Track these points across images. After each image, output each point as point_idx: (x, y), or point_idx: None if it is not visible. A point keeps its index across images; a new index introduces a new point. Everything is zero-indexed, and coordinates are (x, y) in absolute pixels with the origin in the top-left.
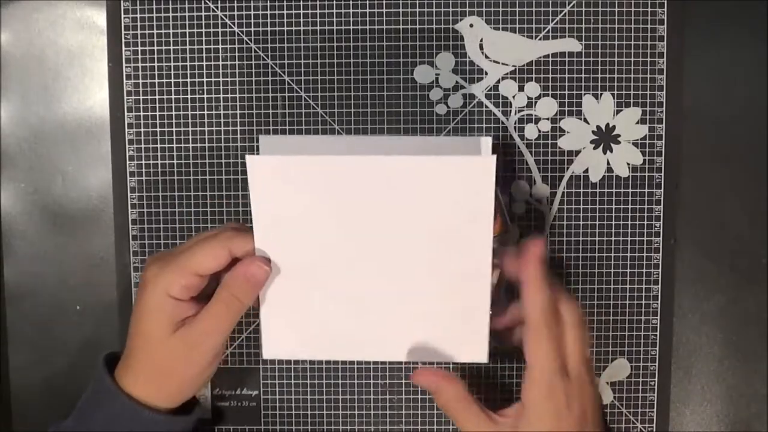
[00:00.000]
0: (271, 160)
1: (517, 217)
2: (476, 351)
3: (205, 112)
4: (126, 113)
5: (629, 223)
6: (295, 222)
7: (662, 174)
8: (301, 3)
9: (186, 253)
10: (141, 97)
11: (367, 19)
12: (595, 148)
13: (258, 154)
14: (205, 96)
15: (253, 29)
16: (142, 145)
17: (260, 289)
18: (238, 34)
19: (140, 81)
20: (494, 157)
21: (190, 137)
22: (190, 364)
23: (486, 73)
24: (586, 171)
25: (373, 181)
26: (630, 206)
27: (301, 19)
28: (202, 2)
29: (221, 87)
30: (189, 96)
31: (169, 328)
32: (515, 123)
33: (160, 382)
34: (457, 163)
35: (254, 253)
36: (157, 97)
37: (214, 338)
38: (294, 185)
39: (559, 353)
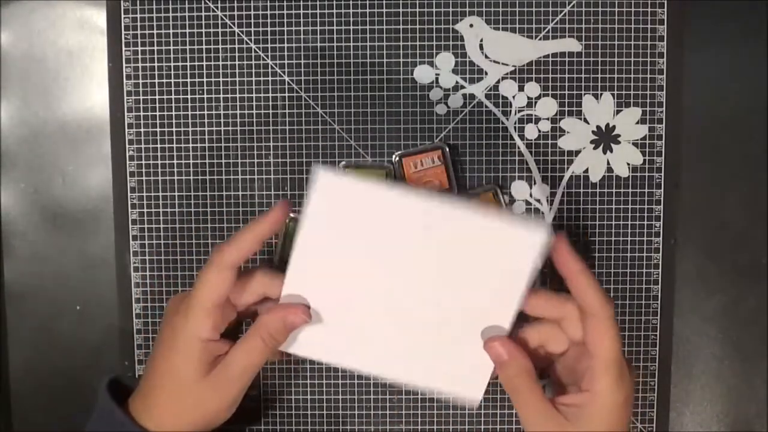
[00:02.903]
0: (343, 182)
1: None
2: (474, 390)
3: (205, 112)
4: (126, 113)
5: (629, 223)
6: (340, 241)
7: (662, 174)
8: (301, 3)
9: (196, 292)
10: (141, 97)
11: (367, 19)
12: (595, 148)
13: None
14: (205, 96)
15: (253, 29)
16: (142, 145)
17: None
18: (238, 34)
19: (140, 81)
20: (545, 232)
21: (190, 137)
22: (221, 403)
23: (486, 73)
24: (586, 171)
25: (429, 223)
26: (630, 206)
27: (301, 19)
28: (202, 2)
29: (221, 87)
30: (189, 96)
31: (202, 370)
32: (515, 123)
33: (187, 422)
34: (509, 228)
35: (245, 255)
36: (157, 97)
37: (248, 376)
38: (354, 209)
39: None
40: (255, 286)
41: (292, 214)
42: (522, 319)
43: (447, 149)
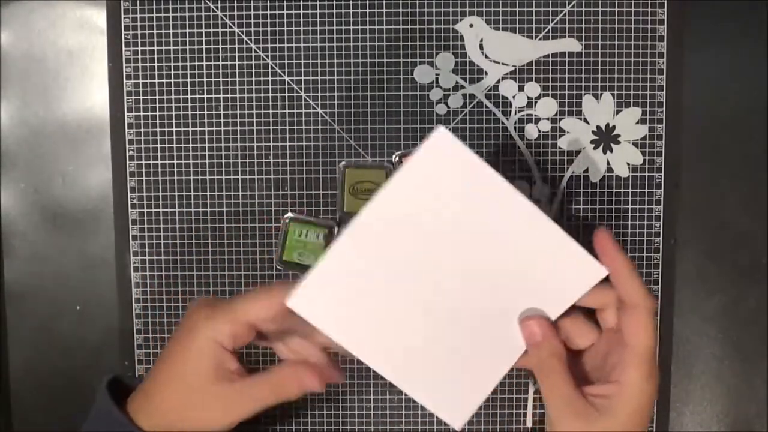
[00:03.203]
0: (457, 144)
1: None
2: (458, 416)
3: (205, 112)
4: (126, 113)
5: (629, 223)
6: (419, 210)
7: (662, 174)
8: (301, 3)
9: (239, 302)
10: (141, 97)
11: (367, 19)
12: (595, 148)
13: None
14: (205, 96)
15: (253, 29)
16: (142, 145)
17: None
18: (238, 34)
19: (140, 81)
20: (605, 271)
21: (190, 137)
22: (223, 417)
23: (486, 73)
24: (586, 171)
25: (512, 216)
26: (630, 206)
27: (301, 19)
28: (202, 2)
29: (221, 87)
30: (189, 96)
31: (211, 375)
32: (515, 123)
33: (185, 427)
34: (581, 254)
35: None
36: (157, 97)
37: (260, 406)
38: (453, 176)
39: None
40: (272, 300)
41: (291, 214)
42: None
43: None
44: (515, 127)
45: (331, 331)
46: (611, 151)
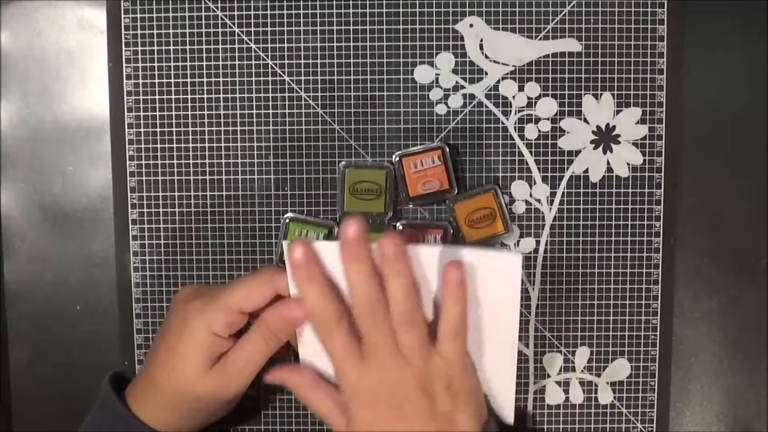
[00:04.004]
0: (322, 245)
1: (517, 217)
2: (504, 413)
3: (205, 112)
4: (126, 113)
5: (629, 223)
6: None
7: (662, 174)
8: (301, 3)
9: (230, 290)
10: (141, 97)
11: (367, 19)
12: (595, 148)
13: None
14: (205, 96)
15: (253, 29)
16: (142, 145)
17: (297, 328)
18: (238, 34)
19: (140, 81)
20: (521, 255)
21: (190, 137)
22: (220, 400)
23: (486, 73)
24: (586, 171)
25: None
26: (630, 206)
27: (301, 19)
28: (202, 2)
29: (221, 87)
30: (189, 96)
31: (206, 364)
32: (515, 123)
33: (182, 416)
34: (485, 257)
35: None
36: (157, 97)
37: (249, 373)
38: (328, 268)
39: None
40: (266, 287)
41: (291, 214)
42: None
43: (447, 149)
44: (515, 127)
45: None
46: (611, 151)
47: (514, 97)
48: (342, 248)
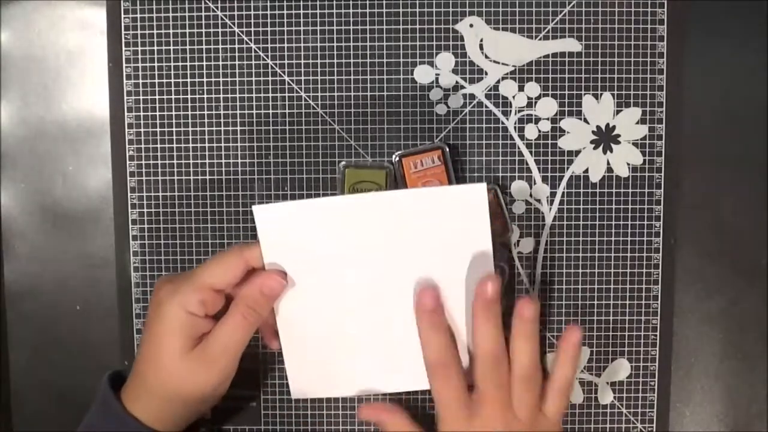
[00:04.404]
0: (278, 208)
1: (517, 217)
2: None
3: (205, 112)
4: (126, 113)
5: (629, 223)
6: (305, 266)
7: (662, 174)
8: (301, 3)
9: (200, 269)
10: (141, 97)
11: (367, 19)
12: (595, 148)
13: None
14: (205, 96)
15: (253, 29)
16: (142, 145)
17: (275, 301)
18: (238, 34)
19: (140, 81)
20: (484, 185)
21: (190, 137)
22: (206, 383)
23: (486, 73)
24: (586, 171)
25: (373, 217)
26: (630, 206)
27: (301, 19)
28: (202, 2)
29: (221, 87)
30: (189, 96)
31: (186, 346)
32: (515, 123)
33: (174, 406)
34: (449, 193)
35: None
36: (157, 97)
37: (233, 353)
38: (301, 230)
39: None
40: (235, 261)
41: None
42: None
43: (447, 149)
44: (515, 127)
45: (346, 391)
46: (611, 151)
47: (514, 97)
48: (477, 304)
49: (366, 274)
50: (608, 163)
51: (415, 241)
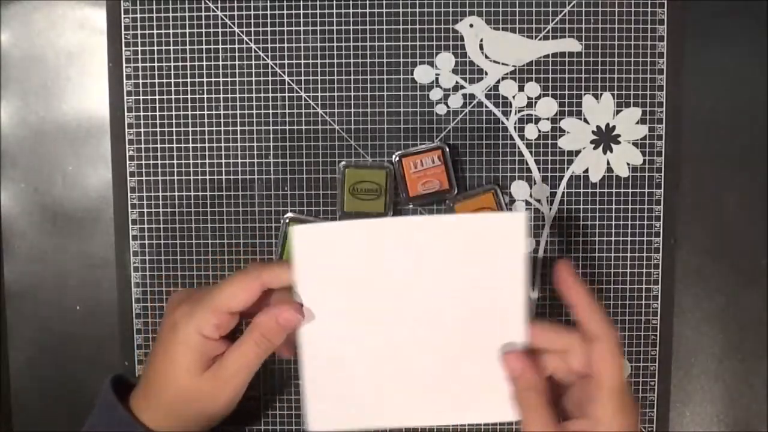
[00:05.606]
0: (317, 229)
1: None
2: (507, 409)
3: (205, 112)
4: (126, 113)
5: (629, 223)
6: (338, 289)
7: (662, 174)
8: (301, 3)
9: (216, 291)
10: (141, 97)
11: (367, 19)
12: (595, 148)
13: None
14: (205, 96)
15: (253, 29)
16: (142, 145)
17: (289, 332)
18: (238, 34)
19: (140, 81)
20: (524, 214)
21: (190, 137)
22: (217, 403)
23: (486, 73)
24: (586, 171)
25: (413, 240)
26: (630, 206)
27: (301, 19)
28: (202, 2)
29: (221, 87)
30: (189, 96)
31: (199, 367)
32: (515, 123)
33: (185, 421)
34: (487, 221)
35: (286, 282)
36: (157, 97)
37: (243, 377)
38: (338, 252)
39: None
40: (253, 283)
41: (291, 214)
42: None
43: (447, 149)
44: (515, 127)
45: (368, 424)
46: (611, 151)
47: (514, 97)
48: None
49: (400, 299)
50: (608, 163)
51: (449, 267)
